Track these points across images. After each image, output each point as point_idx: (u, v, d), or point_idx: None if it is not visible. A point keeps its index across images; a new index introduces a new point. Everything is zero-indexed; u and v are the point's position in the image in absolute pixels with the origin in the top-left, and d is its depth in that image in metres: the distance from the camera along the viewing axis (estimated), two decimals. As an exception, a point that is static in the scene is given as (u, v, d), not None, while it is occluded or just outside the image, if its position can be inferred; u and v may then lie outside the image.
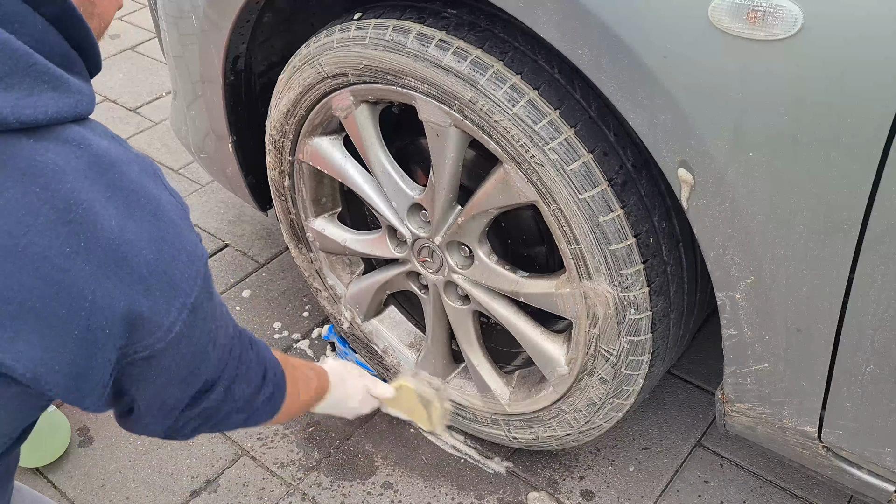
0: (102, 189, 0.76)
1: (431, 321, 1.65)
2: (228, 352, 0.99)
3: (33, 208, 0.72)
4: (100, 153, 0.78)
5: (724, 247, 1.10)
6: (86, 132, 0.79)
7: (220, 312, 0.95)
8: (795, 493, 1.66)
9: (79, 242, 0.74)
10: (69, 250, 0.73)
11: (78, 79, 0.80)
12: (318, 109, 1.52)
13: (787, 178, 0.99)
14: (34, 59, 0.74)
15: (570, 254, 1.29)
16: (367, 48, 1.35)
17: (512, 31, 1.26)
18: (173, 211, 0.83)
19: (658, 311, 1.30)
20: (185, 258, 0.83)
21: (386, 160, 1.49)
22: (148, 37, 3.41)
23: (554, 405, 1.52)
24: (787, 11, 0.90)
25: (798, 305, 1.08)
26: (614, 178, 1.22)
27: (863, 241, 0.98)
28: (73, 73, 0.80)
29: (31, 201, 0.72)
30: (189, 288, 0.83)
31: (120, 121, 2.92)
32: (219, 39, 1.57)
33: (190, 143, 1.97)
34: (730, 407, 1.29)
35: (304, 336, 2.07)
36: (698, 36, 0.96)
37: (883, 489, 1.19)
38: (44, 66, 0.75)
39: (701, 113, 1.01)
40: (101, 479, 1.75)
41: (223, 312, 0.97)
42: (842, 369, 1.10)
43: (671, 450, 1.76)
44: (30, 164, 0.73)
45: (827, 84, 0.91)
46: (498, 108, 1.23)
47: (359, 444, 1.81)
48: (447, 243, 1.48)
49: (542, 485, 1.71)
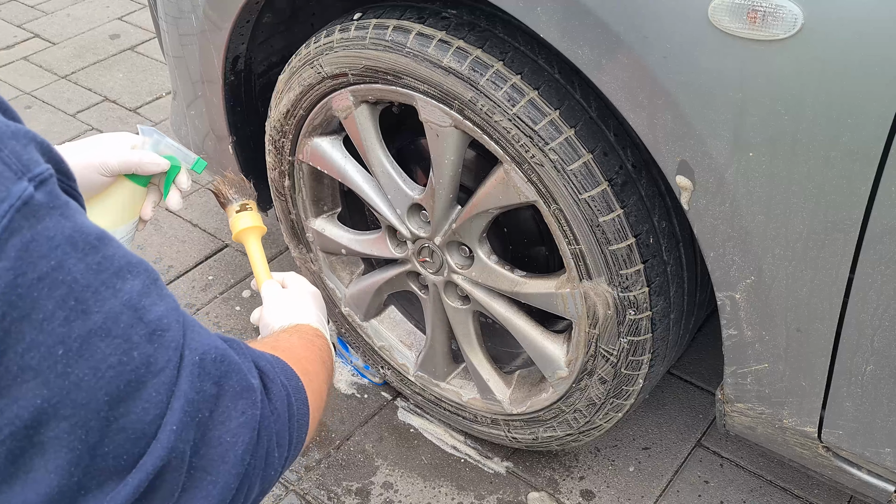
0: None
1: (431, 321, 1.65)
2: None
3: None
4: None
5: (724, 247, 1.10)
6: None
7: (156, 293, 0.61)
8: (795, 493, 1.66)
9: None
10: None
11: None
12: (317, 110, 1.52)
13: (787, 178, 0.99)
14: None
15: (570, 254, 1.29)
16: (367, 48, 1.35)
17: (512, 32, 1.26)
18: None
19: (658, 311, 1.30)
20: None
21: (386, 160, 1.49)
22: (148, 37, 3.41)
23: (554, 405, 1.52)
24: (787, 11, 0.90)
25: (798, 305, 1.08)
26: (614, 178, 1.22)
27: (863, 241, 0.98)
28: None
29: None
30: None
31: (120, 121, 2.92)
32: (219, 39, 1.57)
33: (190, 143, 1.97)
34: (730, 407, 1.29)
35: (304, 336, 2.07)
36: (698, 36, 0.96)
37: (883, 489, 1.19)
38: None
39: (701, 113, 1.01)
40: (101, 479, 1.74)
41: (171, 306, 0.62)
42: (842, 369, 1.10)
43: (671, 450, 1.76)
44: None
45: (827, 84, 0.91)
46: (498, 109, 1.23)
47: (359, 444, 1.81)
48: (447, 243, 1.48)
49: (542, 485, 1.71)
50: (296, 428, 0.74)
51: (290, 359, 0.82)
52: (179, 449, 0.60)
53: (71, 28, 3.53)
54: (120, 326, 0.57)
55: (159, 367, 0.59)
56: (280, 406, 0.71)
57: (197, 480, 0.62)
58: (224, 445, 0.63)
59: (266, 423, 0.68)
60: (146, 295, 0.60)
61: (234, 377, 0.65)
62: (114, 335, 0.57)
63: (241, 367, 0.67)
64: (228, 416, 0.64)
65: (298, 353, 0.88)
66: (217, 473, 0.63)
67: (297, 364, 0.82)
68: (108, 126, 2.90)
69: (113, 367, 0.56)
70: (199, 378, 0.62)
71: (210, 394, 0.63)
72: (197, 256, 2.33)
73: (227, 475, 0.63)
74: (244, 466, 0.65)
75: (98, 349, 0.56)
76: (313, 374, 0.86)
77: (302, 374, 0.81)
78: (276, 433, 0.70)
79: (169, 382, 0.60)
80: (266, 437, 0.68)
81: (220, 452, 0.63)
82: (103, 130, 2.88)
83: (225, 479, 0.63)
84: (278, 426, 0.70)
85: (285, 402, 0.72)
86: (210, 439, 0.63)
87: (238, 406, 0.65)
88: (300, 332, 0.98)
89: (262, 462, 0.67)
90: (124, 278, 0.59)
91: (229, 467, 0.63)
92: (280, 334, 0.97)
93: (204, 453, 0.62)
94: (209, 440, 0.63)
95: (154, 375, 0.59)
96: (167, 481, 0.60)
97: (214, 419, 0.63)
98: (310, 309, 1.07)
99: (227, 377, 0.65)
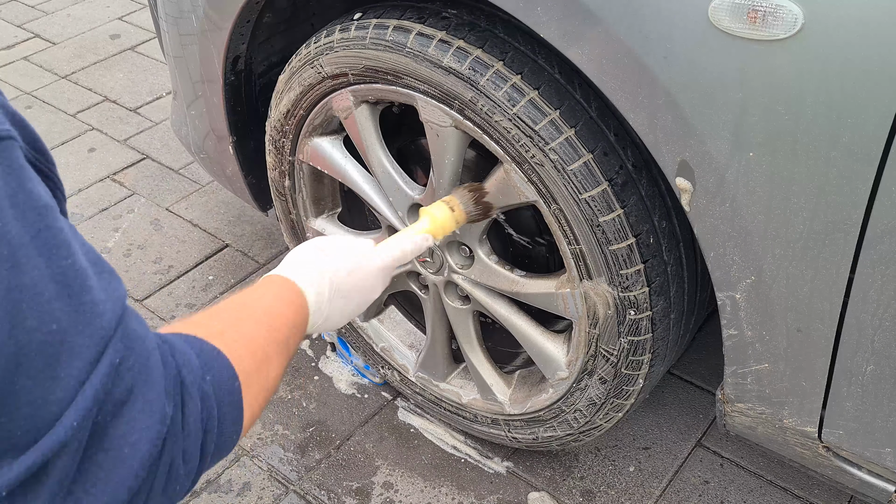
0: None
1: (432, 321, 1.65)
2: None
3: None
4: None
5: (724, 247, 1.10)
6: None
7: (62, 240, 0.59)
8: (795, 493, 1.66)
9: None
10: None
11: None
12: (318, 110, 1.52)
13: (787, 178, 0.99)
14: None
15: (571, 254, 1.29)
16: (367, 48, 1.35)
17: (512, 32, 1.26)
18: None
19: (658, 311, 1.30)
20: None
21: (386, 160, 1.49)
22: (148, 37, 3.41)
23: (554, 405, 1.52)
24: (787, 11, 0.90)
25: (798, 305, 1.08)
26: (614, 178, 1.22)
27: (863, 241, 0.98)
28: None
29: None
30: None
31: (120, 121, 2.92)
32: (219, 39, 1.57)
33: (190, 144, 1.97)
34: (730, 407, 1.29)
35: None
36: (698, 36, 0.96)
37: (883, 489, 1.19)
38: None
39: (701, 113, 1.01)
40: (101, 479, 1.74)
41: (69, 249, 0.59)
42: (842, 369, 1.10)
43: (671, 450, 1.76)
44: None
45: (827, 84, 0.91)
46: (498, 109, 1.23)
47: (359, 444, 1.81)
48: (447, 243, 1.48)
49: (542, 485, 1.71)
50: (213, 440, 0.71)
51: (238, 348, 0.77)
52: (72, 447, 0.58)
53: (71, 28, 3.53)
54: (44, 295, 0.56)
55: (77, 350, 0.58)
56: (193, 423, 0.68)
57: (87, 484, 0.61)
58: (121, 454, 0.61)
59: (174, 440, 0.66)
60: (84, 278, 0.59)
61: (148, 390, 0.63)
62: (37, 299, 0.56)
63: (160, 382, 0.64)
64: (131, 427, 0.62)
65: (254, 335, 0.82)
66: (108, 481, 0.61)
67: (243, 356, 0.77)
68: (109, 126, 2.90)
69: (28, 330, 0.55)
70: (111, 379, 0.60)
71: (118, 399, 0.61)
72: (197, 256, 2.33)
73: (117, 486, 0.62)
74: (138, 481, 0.62)
75: (19, 305, 0.55)
76: (261, 363, 0.80)
77: (246, 368, 0.76)
78: (184, 450, 0.67)
79: (85, 368, 0.58)
80: (169, 453, 0.65)
81: (115, 461, 0.61)
82: (103, 130, 2.88)
83: (115, 489, 0.61)
84: (187, 443, 0.67)
85: (199, 417, 0.69)
86: (106, 445, 0.61)
87: (145, 419, 0.63)
88: (273, 300, 0.91)
89: (164, 477, 0.65)
90: (64, 255, 0.58)
91: (122, 477, 0.62)
92: (251, 301, 0.89)
93: (99, 458, 0.61)
94: (105, 445, 0.61)
95: (71, 357, 0.58)
96: (55, 474, 0.58)
97: (116, 426, 0.61)
98: (316, 264, 1.00)
99: (141, 387, 0.63)
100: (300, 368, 1.99)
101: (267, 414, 1.87)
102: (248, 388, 0.76)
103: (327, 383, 1.95)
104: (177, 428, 0.66)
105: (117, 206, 2.53)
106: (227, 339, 0.77)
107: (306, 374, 1.97)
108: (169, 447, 0.65)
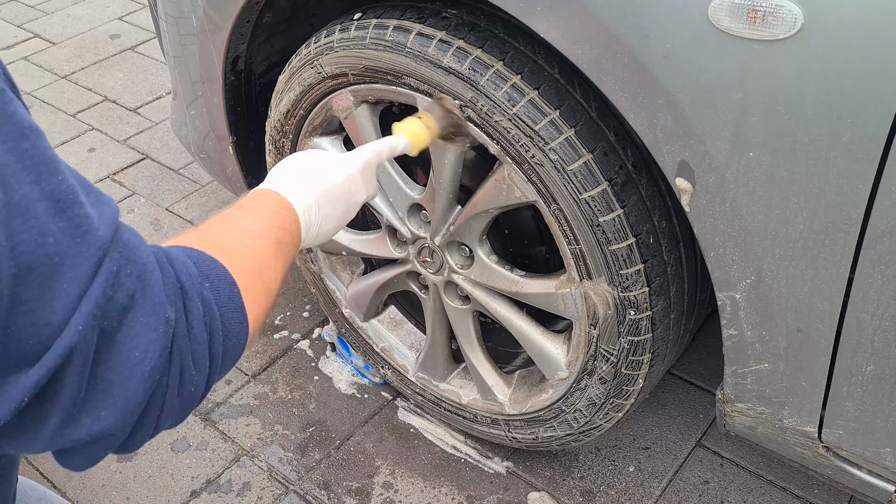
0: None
1: (431, 321, 1.65)
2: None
3: None
4: None
5: (724, 247, 1.10)
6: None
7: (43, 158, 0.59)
8: (795, 493, 1.66)
9: None
10: None
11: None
12: (318, 110, 1.52)
13: (787, 178, 0.99)
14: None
15: (571, 254, 1.29)
16: (367, 48, 1.35)
17: (512, 32, 1.26)
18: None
19: (658, 311, 1.30)
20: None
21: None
22: (148, 37, 3.41)
23: (554, 405, 1.52)
24: (787, 11, 0.90)
25: (798, 305, 1.08)
26: (614, 178, 1.22)
27: (863, 241, 0.98)
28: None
29: None
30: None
31: (120, 121, 2.92)
32: (219, 39, 1.57)
33: (190, 144, 1.97)
34: (730, 407, 1.29)
35: (304, 336, 2.07)
36: (698, 36, 0.96)
37: (883, 489, 1.19)
38: None
39: (701, 113, 1.01)
40: (101, 479, 1.75)
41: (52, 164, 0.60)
42: (842, 369, 1.10)
43: (671, 450, 1.76)
44: None
45: (827, 84, 0.91)
46: (498, 109, 1.23)
47: (359, 444, 1.81)
48: (447, 243, 1.48)
49: (542, 485, 1.71)
50: (220, 342, 0.73)
51: (235, 255, 0.79)
52: (82, 350, 0.60)
53: (71, 28, 3.53)
54: (37, 212, 0.57)
55: (76, 262, 0.59)
56: (198, 327, 0.70)
57: (102, 391, 0.63)
58: (132, 360, 0.63)
59: (180, 343, 0.68)
60: (75, 194, 0.60)
61: (149, 294, 0.65)
62: (30, 217, 0.57)
63: (159, 286, 0.66)
64: (139, 331, 0.64)
65: (248, 244, 0.84)
66: (123, 387, 0.63)
67: (239, 262, 0.79)
68: (109, 126, 2.90)
69: (25, 247, 0.56)
70: (112, 287, 0.62)
71: (121, 304, 0.63)
72: (197, 256, 2.33)
73: (133, 390, 0.64)
74: (152, 383, 0.65)
75: (11, 223, 0.56)
76: (259, 268, 0.82)
77: (244, 273, 0.78)
78: (193, 353, 0.69)
79: (84, 280, 0.60)
80: (179, 356, 0.68)
81: (128, 366, 0.63)
82: (103, 130, 2.88)
83: (131, 394, 0.64)
84: (194, 346, 0.69)
85: (203, 320, 0.70)
86: (117, 352, 0.63)
87: (150, 323, 0.64)
88: (263, 210, 0.93)
89: (177, 380, 0.68)
90: (52, 173, 0.59)
91: (136, 382, 0.64)
92: (239, 214, 0.90)
93: (111, 365, 0.63)
94: (116, 352, 0.63)
95: (70, 269, 0.59)
96: (67, 384, 0.60)
97: (123, 331, 0.63)
98: (300, 176, 1.01)
99: (142, 293, 0.64)
100: (300, 368, 1.99)
101: (267, 414, 1.88)
102: (249, 294, 0.78)
103: (327, 383, 1.95)
104: (182, 331, 0.68)
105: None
106: (221, 249, 0.79)
107: (306, 374, 1.97)
108: (177, 350, 0.67)
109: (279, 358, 2.02)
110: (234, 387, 1.95)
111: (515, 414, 1.60)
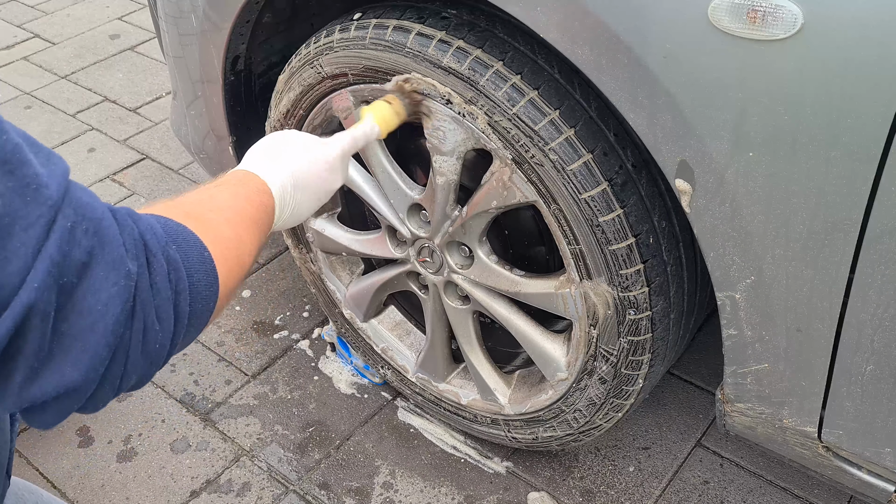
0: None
1: (431, 321, 1.65)
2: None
3: None
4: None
5: (724, 247, 1.10)
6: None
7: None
8: (795, 493, 1.66)
9: None
10: None
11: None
12: (317, 110, 1.52)
13: (787, 178, 0.99)
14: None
15: (570, 254, 1.29)
16: (367, 48, 1.35)
17: (512, 32, 1.26)
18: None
19: (658, 311, 1.30)
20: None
21: (386, 160, 1.49)
22: (148, 37, 3.41)
23: (554, 405, 1.52)
24: (787, 11, 0.90)
25: (798, 305, 1.08)
26: (614, 177, 1.22)
27: (863, 241, 0.98)
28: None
29: None
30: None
31: (120, 121, 2.92)
32: (219, 39, 1.57)
33: (190, 143, 1.97)
34: (730, 407, 1.29)
35: (304, 336, 2.07)
36: (698, 36, 0.96)
37: (883, 489, 1.19)
38: None
39: (701, 113, 1.01)
40: (101, 479, 1.75)
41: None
42: (842, 369, 1.10)
43: (671, 450, 1.76)
44: None
45: (827, 84, 0.91)
46: (498, 109, 1.23)
47: (359, 444, 1.81)
48: (447, 243, 1.48)
49: (541, 485, 1.71)
50: (186, 301, 0.73)
51: (207, 224, 0.80)
52: (40, 308, 0.60)
53: (71, 28, 3.53)
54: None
55: (28, 221, 0.59)
56: (161, 282, 0.70)
57: (65, 347, 0.63)
58: (94, 314, 0.63)
59: (143, 297, 0.67)
60: (22, 153, 0.60)
61: (107, 249, 0.65)
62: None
63: (118, 241, 0.66)
64: (100, 286, 0.64)
65: (222, 215, 0.85)
66: (86, 341, 0.63)
67: (212, 230, 0.79)
68: (109, 126, 2.90)
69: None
70: (67, 243, 0.62)
71: (79, 261, 0.63)
72: (197, 256, 2.33)
73: (96, 344, 0.64)
74: (116, 337, 0.65)
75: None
76: (232, 238, 0.83)
77: (216, 241, 0.79)
78: (157, 309, 0.69)
79: (37, 239, 0.60)
80: (142, 311, 0.67)
81: (90, 321, 0.63)
82: (103, 130, 2.88)
83: (94, 348, 0.64)
84: (158, 301, 0.69)
85: (167, 277, 0.70)
86: (78, 306, 0.63)
87: (110, 277, 0.64)
88: (238, 187, 0.94)
89: (140, 335, 0.68)
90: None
91: (98, 336, 0.64)
92: (215, 189, 0.91)
93: (73, 321, 0.63)
94: (77, 307, 0.63)
95: (23, 230, 0.59)
96: (30, 340, 0.60)
97: (83, 286, 0.63)
98: (276, 159, 1.01)
99: (100, 248, 0.64)
100: (300, 368, 1.99)
101: (267, 414, 1.88)
102: (222, 261, 0.78)
103: (327, 383, 1.95)
104: (144, 285, 0.68)
105: (117, 206, 2.52)
106: (193, 217, 0.79)
107: (306, 374, 1.97)
108: (140, 305, 0.67)
109: (279, 358, 2.02)
110: (234, 387, 1.95)
111: (515, 414, 1.60)
